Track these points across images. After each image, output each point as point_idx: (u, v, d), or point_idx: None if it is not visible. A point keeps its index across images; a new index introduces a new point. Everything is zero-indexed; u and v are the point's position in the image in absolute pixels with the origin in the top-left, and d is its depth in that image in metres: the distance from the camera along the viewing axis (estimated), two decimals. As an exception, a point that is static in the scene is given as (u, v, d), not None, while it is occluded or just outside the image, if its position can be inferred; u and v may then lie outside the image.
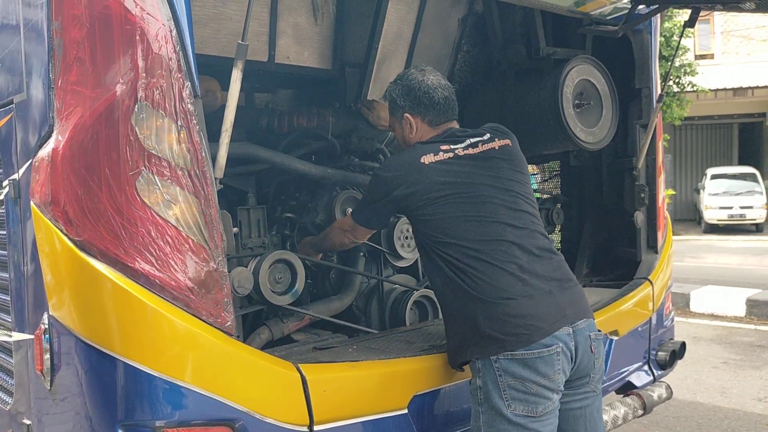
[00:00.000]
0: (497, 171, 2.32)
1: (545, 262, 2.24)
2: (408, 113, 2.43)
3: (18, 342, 2.23)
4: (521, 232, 2.24)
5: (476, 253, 2.17)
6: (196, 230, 1.87)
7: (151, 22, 1.85)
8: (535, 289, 2.16)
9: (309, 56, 3.46)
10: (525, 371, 2.08)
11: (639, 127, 3.63)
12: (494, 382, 2.11)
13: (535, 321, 2.11)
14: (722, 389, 5.39)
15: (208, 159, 1.91)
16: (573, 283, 2.29)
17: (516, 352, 2.08)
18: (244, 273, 2.34)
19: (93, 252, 1.83)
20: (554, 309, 2.15)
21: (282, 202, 3.18)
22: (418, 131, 2.44)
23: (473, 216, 2.22)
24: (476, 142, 2.35)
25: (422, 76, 2.43)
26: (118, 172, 1.82)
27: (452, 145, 2.33)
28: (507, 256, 2.18)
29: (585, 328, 2.21)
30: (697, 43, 20.57)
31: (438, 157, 2.28)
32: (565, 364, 2.14)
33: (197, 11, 2.97)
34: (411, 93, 2.42)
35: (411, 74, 2.46)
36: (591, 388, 2.28)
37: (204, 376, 1.86)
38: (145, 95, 1.83)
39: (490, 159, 2.34)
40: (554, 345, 2.11)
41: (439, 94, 2.41)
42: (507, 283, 2.14)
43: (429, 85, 2.41)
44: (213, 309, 1.89)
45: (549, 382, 2.10)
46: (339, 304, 2.93)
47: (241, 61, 1.97)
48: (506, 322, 2.11)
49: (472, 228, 2.20)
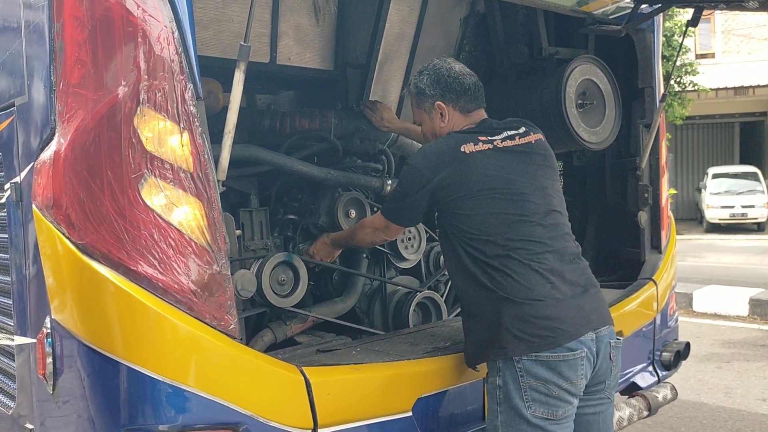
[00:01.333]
0: (534, 167, 2.28)
1: (573, 266, 2.22)
2: (440, 101, 2.36)
3: (20, 346, 2.22)
4: (553, 233, 2.21)
5: (509, 252, 2.13)
6: (199, 233, 1.86)
7: (152, 23, 1.84)
8: (563, 292, 2.13)
9: (311, 57, 3.45)
10: (548, 374, 2.06)
11: (642, 126, 3.62)
12: (515, 382, 2.09)
13: (562, 324, 2.09)
14: (726, 389, 5.38)
15: (210, 161, 1.90)
16: (597, 289, 2.27)
17: (541, 354, 2.06)
18: (247, 276, 2.33)
19: (95, 255, 1.82)
20: (580, 314, 2.13)
21: (284, 204, 3.16)
22: (450, 120, 2.38)
23: (509, 214, 2.17)
24: (513, 135, 2.30)
25: (448, 64, 2.39)
26: (120, 174, 1.81)
27: (489, 136, 2.27)
28: (538, 258, 2.14)
29: (606, 335, 2.20)
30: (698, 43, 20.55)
31: (478, 147, 2.22)
32: (587, 370, 2.13)
33: (199, 13, 2.95)
34: (441, 80, 2.35)
35: (436, 64, 2.40)
36: (606, 395, 2.27)
37: (207, 380, 1.85)
38: (148, 97, 1.82)
39: (527, 154, 2.29)
40: (579, 349, 2.09)
41: (468, 79, 2.37)
42: (536, 285, 2.11)
43: (457, 71, 2.37)
44: (216, 312, 1.87)
45: (571, 386, 2.09)
46: (342, 306, 2.92)
47: (244, 63, 1.96)
48: (533, 324, 2.08)
49: (507, 226, 2.16)
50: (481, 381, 2.48)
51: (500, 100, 3.70)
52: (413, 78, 2.45)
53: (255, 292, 2.52)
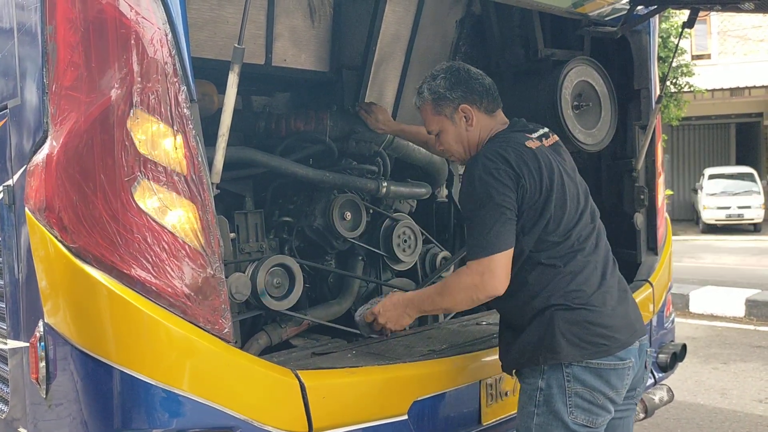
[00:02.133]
0: (569, 166, 2.25)
1: (615, 268, 2.20)
2: (464, 104, 2.21)
3: (13, 350, 2.21)
4: (597, 232, 2.19)
5: (569, 254, 2.08)
6: (193, 236, 1.85)
7: (146, 26, 1.83)
8: (613, 298, 2.10)
9: (306, 59, 3.45)
10: (597, 381, 2.03)
11: (638, 128, 3.62)
12: (560, 387, 2.04)
13: (615, 333, 2.05)
14: (722, 390, 5.38)
15: (204, 164, 1.89)
16: (631, 293, 2.26)
17: (592, 361, 2.02)
18: (241, 279, 2.32)
19: (88, 259, 1.80)
20: (627, 322, 2.11)
21: (280, 206, 3.15)
22: (477, 122, 2.22)
23: (571, 213, 2.11)
24: (546, 133, 2.26)
25: (462, 65, 2.28)
26: (113, 177, 1.80)
27: (532, 134, 2.20)
28: (595, 263, 2.11)
29: (645, 344, 2.19)
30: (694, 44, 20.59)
31: (536, 144, 2.14)
32: (630, 379, 2.11)
33: (193, 14, 2.94)
34: (461, 82, 2.22)
35: (451, 66, 2.28)
36: (634, 402, 2.27)
37: (201, 384, 1.84)
38: (141, 100, 1.81)
39: (560, 153, 2.26)
40: (628, 359, 2.07)
41: (486, 79, 2.28)
42: (593, 290, 2.07)
43: (474, 71, 2.27)
44: (210, 316, 1.86)
45: (615, 395, 2.06)
46: (338, 309, 2.92)
47: (238, 65, 1.95)
48: (589, 330, 2.03)
49: (572, 226, 2.10)
50: (477, 384, 2.48)
51: (496, 101, 3.70)
52: (426, 84, 2.27)
53: (250, 294, 2.51)
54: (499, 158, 2.05)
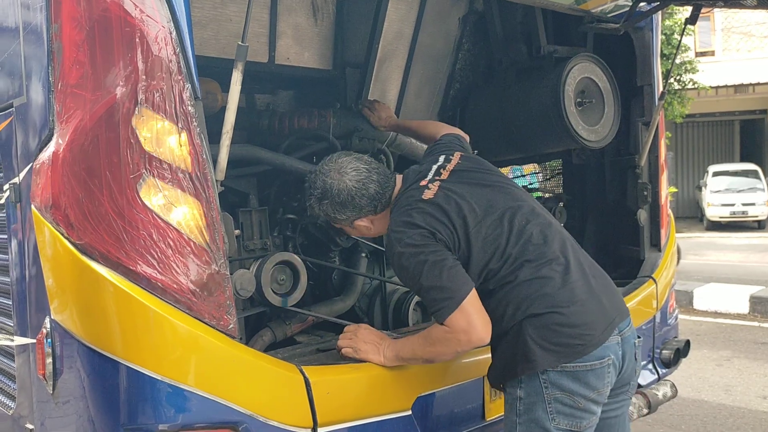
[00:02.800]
0: (480, 179, 2.23)
1: (581, 259, 2.13)
2: (356, 221, 2.25)
3: (20, 346, 2.23)
4: (549, 229, 2.12)
5: (522, 264, 2.04)
6: (198, 233, 1.86)
7: (150, 24, 1.84)
8: (586, 294, 2.04)
9: (309, 57, 3.46)
10: (575, 384, 1.99)
11: (641, 124, 3.62)
12: (539, 394, 2.01)
13: (588, 329, 2.00)
14: (726, 387, 5.38)
15: (209, 161, 1.90)
16: (605, 276, 2.19)
17: (567, 364, 1.98)
18: (246, 275, 2.32)
19: (94, 255, 1.82)
20: (601, 313, 2.04)
21: (284, 203, 3.16)
22: (376, 223, 2.27)
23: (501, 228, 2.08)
24: (442, 165, 2.26)
25: (341, 182, 2.17)
26: (118, 175, 1.81)
27: (426, 176, 2.20)
28: (550, 262, 2.05)
29: (630, 336, 2.12)
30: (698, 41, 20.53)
31: (432, 191, 2.12)
32: (613, 376, 2.05)
33: (197, 13, 2.96)
34: (346, 205, 2.20)
35: (331, 186, 2.18)
36: (628, 396, 2.22)
37: (207, 379, 1.85)
38: (146, 98, 1.82)
39: (463, 172, 2.24)
40: (606, 357, 2.01)
41: (371, 186, 2.19)
42: (555, 290, 2.02)
43: (357, 187, 2.17)
44: (215, 312, 1.88)
45: (597, 395, 2.02)
46: (342, 306, 2.93)
47: (242, 63, 1.96)
48: (559, 332, 1.99)
49: (504, 241, 2.06)
50: (481, 379, 2.49)
51: (499, 99, 3.71)
52: (315, 204, 2.24)
53: (254, 291, 2.53)
54: (407, 226, 2.05)
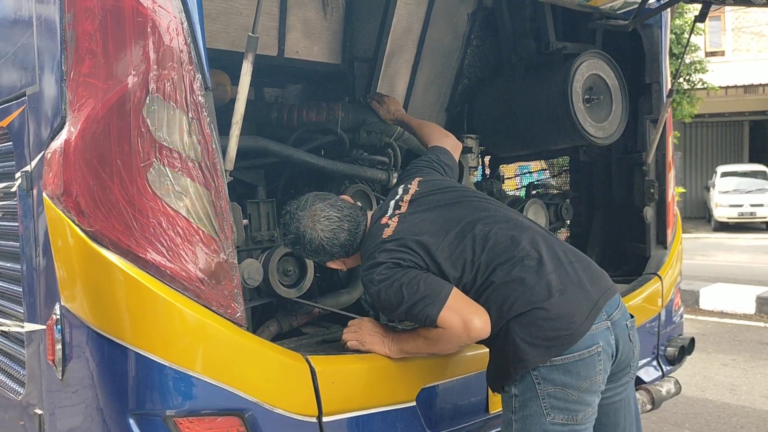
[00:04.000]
0: (437, 201, 2.27)
1: (552, 246, 2.14)
2: (329, 262, 2.35)
3: (30, 333, 2.25)
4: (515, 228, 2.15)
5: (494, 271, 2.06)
6: (207, 221, 1.88)
7: (162, 14, 1.86)
8: (563, 282, 2.04)
9: (318, 51, 3.47)
10: (566, 377, 1.99)
11: (649, 122, 3.62)
12: (532, 390, 2.02)
13: (572, 318, 2.00)
14: (731, 386, 5.38)
15: (218, 151, 1.92)
16: (584, 257, 2.19)
17: (556, 358, 1.99)
18: (254, 265, 2.34)
19: (105, 243, 1.84)
20: (586, 299, 2.04)
21: (292, 195, 3.18)
22: (348, 262, 2.37)
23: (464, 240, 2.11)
24: (400, 198, 2.32)
25: (314, 231, 2.23)
26: (129, 163, 1.83)
27: (386, 215, 2.26)
28: (522, 260, 2.06)
29: (621, 318, 2.12)
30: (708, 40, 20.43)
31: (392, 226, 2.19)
32: (606, 363, 2.05)
33: (207, 5, 2.97)
34: (319, 252, 2.28)
35: (303, 234, 2.24)
36: (630, 377, 2.21)
37: (214, 366, 1.87)
38: (157, 87, 1.84)
39: (421, 198, 2.29)
40: (594, 345, 2.01)
41: (342, 234, 2.26)
42: (534, 286, 2.02)
43: (329, 236, 2.24)
44: (223, 300, 1.90)
45: (591, 384, 2.01)
46: (348, 298, 2.94)
47: (252, 54, 1.98)
48: (544, 327, 1.99)
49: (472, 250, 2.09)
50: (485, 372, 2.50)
51: (507, 94, 3.72)
52: (288, 242, 2.32)
53: (262, 282, 2.55)
54: (373, 267, 2.12)
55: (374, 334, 2.28)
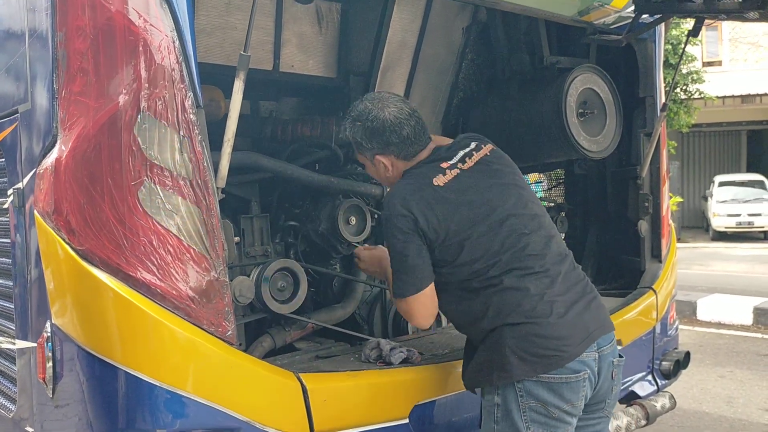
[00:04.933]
0: (502, 177, 2.23)
1: (572, 274, 2.16)
2: (378, 155, 2.23)
3: (21, 349, 2.25)
4: (546, 241, 2.15)
5: (506, 272, 2.07)
6: (198, 240, 1.89)
7: (154, 33, 1.87)
8: (566, 307, 2.06)
9: (314, 65, 3.48)
10: (549, 395, 2.01)
11: (643, 135, 3.63)
12: (515, 402, 2.03)
13: (565, 342, 2.02)
14: (728, 399, 5.36)
15: (209, 169, 1.93)
16: (594, 293, 2.20)
17: (543, 375, 2.00)
18: (245, 282, 2.34)
19: (95, 261, 1.84)
20: (581, 325, 2.06)
21: (286, 210, 3.18)
22: (395, 168, 2.25)
23: (499, 232, 2.10)
24: (469, 152, 2.24)
25: (382, 111, 2.19)
26: (120, 181, 1.84)
27: (450, 161, 2.19)
28: (537, 273, 2.08)
29: (609, 354, 2.13)
30: (705, 50, 20.51)
31: (448, 177, 2.14)
32: (588, 390, 2.07)
33: (202, 20, 2.99)
34: (376, 134, 2.19)
35: (369, 111, 2.20)
36: (605, 414, 2.23)
37: (205, 386, 1.87)
38: (148, 106, 1.85)
39: (489, 165, 2.24)
40: (582, 371, 2.03)
41: (407, 127, 2.19)
42: (539, 301, 2.04)
43: (393, 121, 2.18)
44: (214, 318, 1.90)
45: (571, 408, 2.04)
46: (342, 313, 2.94)
47: (243, 72, 1.98)
48: (536, 344, 2.01)
49: (500, 245, 2.08)
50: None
51: (502, 108, 3.72)
52: (348, 125, 2.26)
53: (255, 298, 2.55)
54: (401, 203, 2.10)
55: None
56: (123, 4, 1.87)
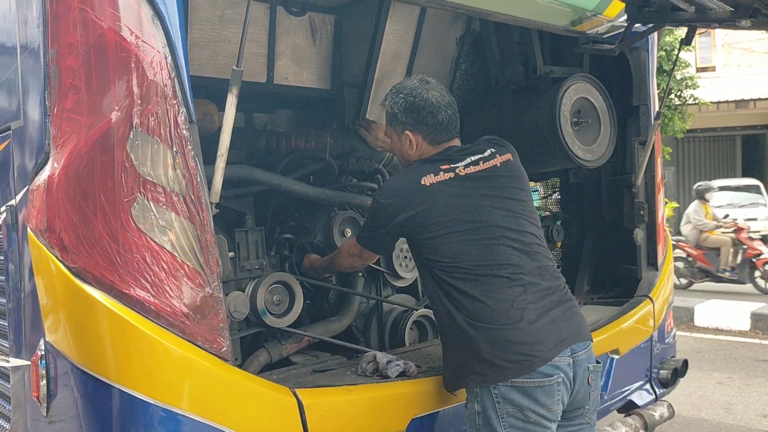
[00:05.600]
0: (500, 191, 2.25)
1: (548, 285, 2.20)
2: (409, 131, 2.31)
3: (15, 367, 2.23)
4: (525, 254, 2.19)
5: (479, 277, 2.12)
6: (192, 256, 1.87)
7: (146, 49, 1.86)
8: (538, 314, 2.11)
9: (308, 77, 3.48)
10: (524, 400, 2.05)
11: (637, 144, 3.63)
12: (493, 409, 2.08)
13: (536, 347, 2.06)
14: (727, 405, 5.35)
15: (203, 184, 1.92)
16: (572, 304, 2.25)
17: (516, 379, 2.05)
18: (240, 297, 2.33)
19: (88, 279, 1.83)
20: (554, 332, 2.11)
21: (281, 222, 3.18)
22: (418, 149, 2.33)
23: (477, 239, 2.15)
24: (477, 160, 2.27)
25: (426, 92, 2.29)
26: (113, 198, 1.83)
27: (452, 163, 2.24)
28: (510, 281, 2.12)
29: (584, 359, 2.17)
30: (699, 56, 20.58)
31: (439, 178, 2.20)
32: (564, 395, 2.11)
33: (196, 34, 2.98)
34: (414, 111, 2.28)
35: (414, 88, 2.30)
36: (585, 420, 2.25)
37: (199, 403, 1.86)
38: (141, 122, 1.84)
39: (492, 178, 2.26)
40: (555, 375, 2.07)
41: (443, 113, 2.28)
42: (509, 308, 2.09)
43: (433, 103, 2.28)
44: (208, 335, 1.88)
45: (548, 412, 2.07)
46: (338, 325, 2.92)
47: (237, 87, 1.98)
48: (508, 349, 2.06)
49: (476, 252, 2.14)
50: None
51: (496, 118, 3.72)
52: (390, 95, 2.36)
53: (250, 312, 2.53)
54: (389, 194, 2.26)
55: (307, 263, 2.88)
56: (115, 21, 1.86)
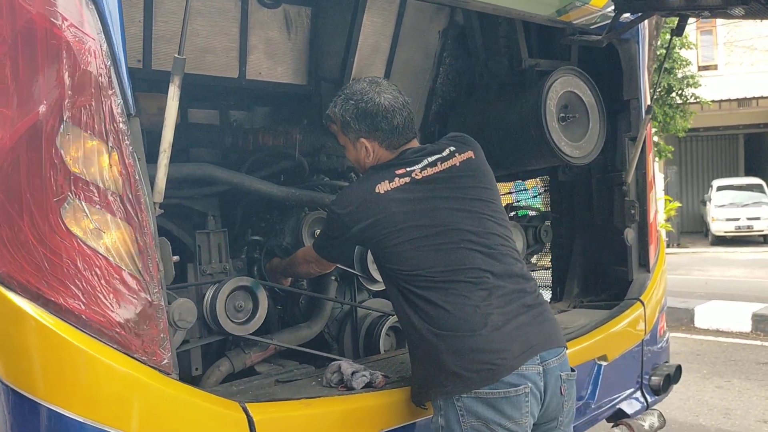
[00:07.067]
0: (461, 191, 2.13)
1: (516, 288, 2.08)
2: (364, 138, 2.18)
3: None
4: (490, 257, 2.07)
5: (441, 284, 2.01)
6: (129, 260, 1.72)
7: (78, 35, 1.71)
8: (505, 319, 1.99)
9: (283, 72, 3.34)
10: (489, 412, 1.93)
11: (628, 140, 3.47)
12: (457, 423, 1.96)
13: (501, 356, 1.94)
14: (726, 410, 5.19)
15: (142, 182, 1.77)
16: (543, 308, 2.12)
17: (480, 390, 1.92)
18: (186, 305, 2.12)
19: (12, 285, 1.68)
20: (522, 340, 1.99)
21: (252, 224, 3.03)
22: (375, 155, 2.20)
23: (437, 245, 2.04)
24: (435, 161, 2.14)
25: (378, 95, 2.15)
26: (41, 198, 1.68)
27: (408, 167, 2.12)
28: (473, 285, 2.01)
29: (556, 368, 2.03)
30: (700, 54, 20.43)
31: (394, 184, 2.07)
32: (533, 407, 1.97)
33: (162, 27, 2.84)
34: (367, 117, 2.14)
35: (365, 92, 2.16)
36: None
37: (138, 422, 1.71)
38: (72, 115, 1.69)
39: (451, 179, 2.14)
40: (522, 385, 1.94)
41: (399, 117, 2.15)
42: (473, 315, 1.98)
43: (387, 107, 2.14)
44: (147, 346, 1.73)
45: (515, 426, 1.94)
46: (308, 332, 2.77)
47: (178, 77, 1.83)
48: (471, 358, 1.95)
49: (437, 258, 2.03)
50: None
51: (481, 114, 3.57)
52: (339, 102, 2.20)
53: (210, 319, 2.39)
54: (344, 204, 2.13)
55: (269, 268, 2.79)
56: (44, 6, 1.71)
